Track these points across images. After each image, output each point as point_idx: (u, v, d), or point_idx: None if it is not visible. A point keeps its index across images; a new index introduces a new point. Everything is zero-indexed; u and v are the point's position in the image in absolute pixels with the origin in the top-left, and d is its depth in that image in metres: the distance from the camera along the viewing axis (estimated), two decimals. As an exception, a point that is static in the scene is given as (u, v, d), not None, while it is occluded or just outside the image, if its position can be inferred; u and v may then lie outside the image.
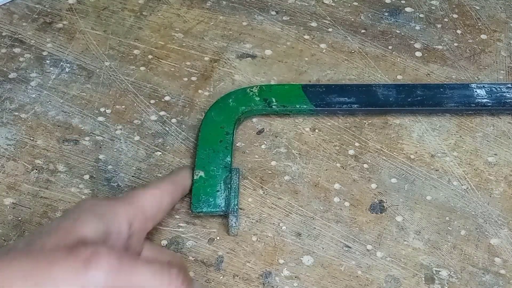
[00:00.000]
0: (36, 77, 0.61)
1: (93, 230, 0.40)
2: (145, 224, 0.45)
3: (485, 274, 0.49)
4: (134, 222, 0.44)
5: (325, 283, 0.48)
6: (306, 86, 0.59)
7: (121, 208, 0.43)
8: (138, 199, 0.45)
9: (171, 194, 0.49)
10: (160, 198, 0.47)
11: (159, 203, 0.47)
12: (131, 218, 0.43)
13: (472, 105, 0.58)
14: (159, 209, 0.47)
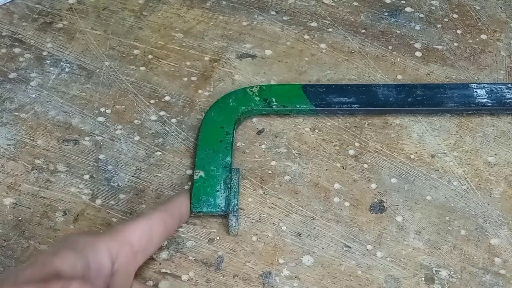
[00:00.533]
0: (36, 77, 0.61)
1: (70, 265, 0.39)
2: (133, 259, 0.43)
3: (485, 274, 0.49)
4: (119, 257, 0.42)
5: (325, 283, 0.48)
6: (306, 86, 0.59)
7: (103, 243, 0.42)
8: (124, 233, 0.43)
9: (164, 224, 0.46)
10: (150, 230, 0.45)
11: (149, 235, 0.45)
12: (115, 253, 0.42)
13: (472, 105, 0.58)
14: (150, 241, 0.45)
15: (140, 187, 0.53)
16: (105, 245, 0.42)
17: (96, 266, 0.41)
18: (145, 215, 0.46)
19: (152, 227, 0.45)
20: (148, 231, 0.45)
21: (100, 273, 0.41)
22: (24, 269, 0.38)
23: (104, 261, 0.41)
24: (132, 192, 0.53)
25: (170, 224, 0.47)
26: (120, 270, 0.42)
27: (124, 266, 0.42)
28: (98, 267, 0.41)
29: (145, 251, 0.45)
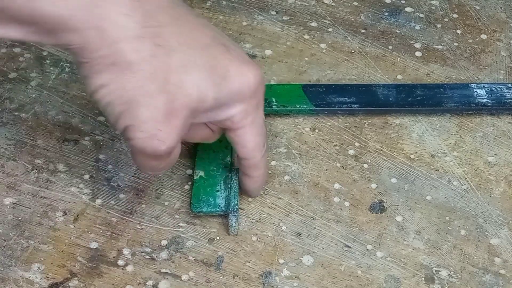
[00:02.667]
0: (36, 77, 0.61)
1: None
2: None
3: (485, 274, 0.49)
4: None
5: (325, 283, 0.48)
6: (306, 86, 0.59)
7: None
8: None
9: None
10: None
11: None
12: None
13: (472, 105, 0.58)
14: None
15: (140, 187, 0.53)
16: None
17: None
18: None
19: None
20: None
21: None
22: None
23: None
24: (132, 192, 0.53)
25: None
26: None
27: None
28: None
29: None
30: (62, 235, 0.50)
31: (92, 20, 0.38)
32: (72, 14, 0.38)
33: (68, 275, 0.48)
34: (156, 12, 0.40)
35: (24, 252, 0.49)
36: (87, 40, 0.38)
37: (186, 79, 0.41)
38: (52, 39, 0.39)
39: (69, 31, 0.38)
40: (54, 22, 0.38)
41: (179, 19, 0.41)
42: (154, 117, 0.41)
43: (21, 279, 0.48)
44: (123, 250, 0.50)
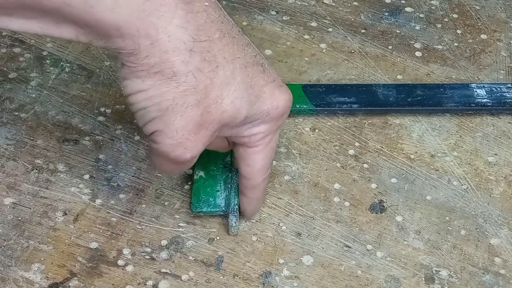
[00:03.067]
0: (36, 77, 0.61)
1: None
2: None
3: (485, 274, 0.49)
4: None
5: (325, 283, 0.48)
6: (306, 86, 0.59)
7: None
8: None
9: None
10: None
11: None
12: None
13: (472, 105, 0.58)
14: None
15: (140, 187, 0.53)
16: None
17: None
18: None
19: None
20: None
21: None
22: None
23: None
24: (132, 192, 0.53)
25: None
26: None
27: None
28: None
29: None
30: (62, 235, 0.50)
31: (146, 29, 0.38)
32: (129, 22, 0.38)
33: (68, 275, 0.48)
34: (207, 26, 0.40)
35: (24, 252, 0.49)
36: (138, 47, 0.39)
37: (225, 95, 0.42)
38: (103, 42, 0.40)
39: (123, 37, 0.39)
40: (110, 28, 0.38)
41: (226, 35, 0.42)
42: (186, 127, 0.42)
43: (21, 279, 0.48)
44: (123, 250, 0.50)
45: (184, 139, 0.42)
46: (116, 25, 0.38)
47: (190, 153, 0.43)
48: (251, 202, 0.50)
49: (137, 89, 0.41)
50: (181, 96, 0.40)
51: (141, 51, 0.39)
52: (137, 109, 0.42)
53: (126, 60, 0.40)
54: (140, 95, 0.41)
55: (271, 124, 0.46)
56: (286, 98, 0.45)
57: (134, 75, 0.40)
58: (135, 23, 0.38)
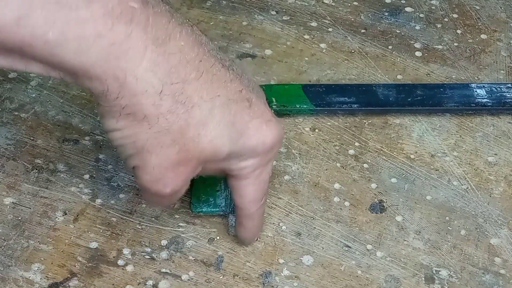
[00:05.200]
0: (36, 77, 0.61)
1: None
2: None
3: (485, 274, 0.49)
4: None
5: (325, 283, 0.48)
6: (306, 86, 0.59)
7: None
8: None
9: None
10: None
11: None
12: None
13: (472, 105, 0.58)
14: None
15: (140, 187, 0.53)
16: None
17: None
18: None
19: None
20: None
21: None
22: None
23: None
24: (132, 191, 0.53)
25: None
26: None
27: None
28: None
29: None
30: (62, 235, 0.50)
31: (113, 72, 0.38)
32: (94, 64, 0.38)
33: (68, 275, 0.48)
34: (181, 67, 0.40)
35: (24, 252, 0.49)
36: (106, 89, 0.38)
37: (203, 134, 0.41)
38: (73, 80, 0.39)
39: (90, 78, 0.38)
40: (75, 69, 0.38)
41: (204, 74, 0.41)
42: (162, 164, 0.41)
43: (21, 279, 0.48)
44: (123, 250, 0.50)
45: (162, 175, 0.42)
46: (80, 67, 0.38)
47: (169, 188, 0.43)
48: (248, 231, 0.49)
49: (113, 128, 0.41)
50: (155, 137, 0.40)
51: (111, 93, 0.39)
52: (116, 145, 0.42)
53: (99, 100, 0.40)
54: (116, 133, 0.41)
55: (260, 158, 0.45)
56: (274, 133, 0.44)
57: (108, 114, 0.40)
58: (102, 65, 0.38)
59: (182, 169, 0.42)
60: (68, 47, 0.37)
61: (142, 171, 0.42)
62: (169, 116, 0.40)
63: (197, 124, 0.41)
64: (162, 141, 0.40)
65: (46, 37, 0.36)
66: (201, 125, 0.41)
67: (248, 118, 0.43)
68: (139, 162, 0.42)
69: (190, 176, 0.43)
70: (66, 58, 0.37)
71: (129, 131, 0.40)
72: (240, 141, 0.43)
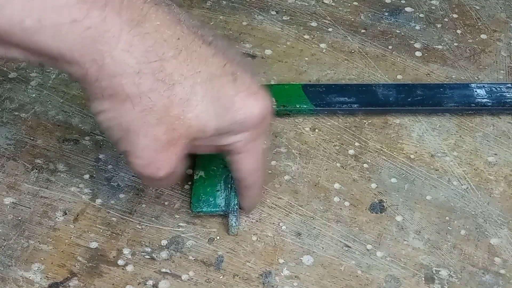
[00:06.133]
0: (36, 77, 0.61)
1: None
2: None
3: (485, 274, 0.49)
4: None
5: (325, 283, 0.48)
6: (306, 86, 0.59)
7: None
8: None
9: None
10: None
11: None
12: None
13: (472, 105, 0.58)
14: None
15: (140, 187, 0.53)
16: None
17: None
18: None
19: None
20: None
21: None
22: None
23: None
24: (132, 191, 0.53)
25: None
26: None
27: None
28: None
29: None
30: (62, 235, 0.50)
31: (91, 55, 0.39)
32: (72, 49, 0.38)
33: (68, 275, 0.48)
34: (158, 45, 0.40)
35: (24, 252, 0.49)
36: (86, 72, 0.39)
37: (187, 110, 0.42)
38: (53, 64, 0.40)
39: (69, 63, 0.39)
40: (54, 55, 0.39)
41: (183, 51, 0.41)
42: (152, 146, 0.42)
43: (21, 279, 0.48)
44: (123, 250, 0.50)
45: (153, 158, 0.42)
46: (59, 52, 0.38)
47: (163, 170, 0.43)
48: (249, 200, 0.50)
49: (99, 110, 0.41)
50: (140, 116, 0.41)
51: (90, 76, 0.39)
52: (104, 128, 0.42)
53: (81, 83, 0.40)
54: (102, 115, 0.41)
55: (251, 131, 0.45)
56: (261, 105, 0.44)
57: (92, 96, 0.41)
58: (79, 50, 0.38)
59: (172, 149, 0.42)
60: (46, 34, 0.38)
61: (132, 155, 0.42)
62: (151, 95, 0.40)
63: (181, 101, 0.41)
64: (147, 120, 0.41)
65: (23, 24, 0.37)
66: (184, 101, 0.41)
67: (233, 92, 0.43)
68: (128, 145, 0.42)
69: (181, 155, 0.43)
70: (44, 44, 0.38)
71: (114, 112, 0.41)
72: (227, 116, 0.43)
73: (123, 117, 0.41)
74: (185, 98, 0.41)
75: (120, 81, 0.40)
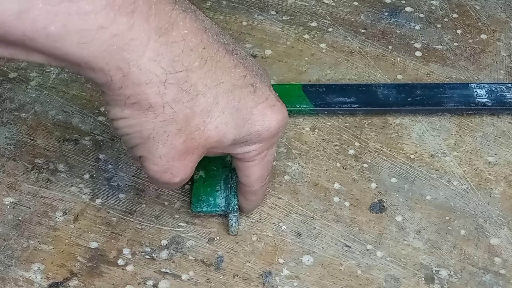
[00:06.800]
0: (36, 77, 0.61)
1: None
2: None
3: (485, 274, 0.49)
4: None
5: (325, 283, 0.48)
6: (306, 86, 0.59)
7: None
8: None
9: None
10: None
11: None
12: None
13: (472, 105, 0.58)
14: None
15: (140, 187, 0.53)
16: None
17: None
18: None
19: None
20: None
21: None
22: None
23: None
24: (132, 191, 0.53)
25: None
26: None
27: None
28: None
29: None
30: (62, 235, 0.50)
31: (116, 63, 0.38)
32: (97, 56, 0.37)
33: (68, 275, 0.48)
34: (185, 55, 0.40)
35: (24, 251, 0.49)
36: (110, 80, 0.38)
37: (208, 122, 0.42)
38: (76, 70, 0.39)
39: (93, 70, 0.38)
40: (78, 61, 0.38)
41: (209, 61, 0.41)
42: (169, 154, 0.42)
43: (21, 279, 0.48)
44: (123, 250, 0.50)
45: (170, 165, 0.42)
46: (83, 60, 0.37)
47: (178, 177, 0.43)
48: (250, 203, 0.50)
49: (118, 116, 0.41)
50: (161, 126, 0.40)
51: (114, 83, 0.38)
52: (121, 134, 0.42)
53: (103, 89, 0.40)
54: (121, 122, 0.41)
55: (265, 143, 0.45)
56: (278, 118, 0.44)
57: (113, 103, 0.40)
58: (104, 57, 0.37)
59: (189, 157, 0.42)
60: (70, 40, 0.36)
61: (149, 161, 0.42)
62: (174, 105, 0.40)
63: (202, 112, 0.41)
64: (168, 130, 0.41)
65: (47, 30, 0.36)
66: (206, 112, 0.41)
67: (253, 103, 0.43)
68: (145, 152, 0.42)
69: (197, 162, 0.44)
70: (69, 50, 0.37)
71: (135, 120, 0.40)
72: (245, 127, 0.43)
73: (144, 125, 0.40)
74: (207, 109, 0.41)
75: (145, 90, 0.39)
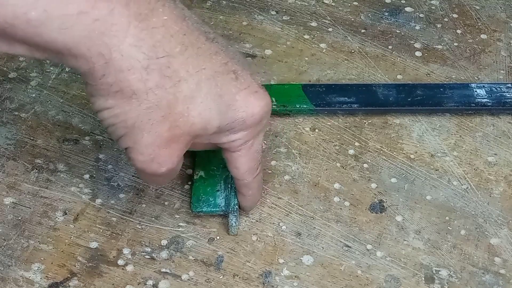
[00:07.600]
0: (36, 77, 0.61)
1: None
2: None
3: (485, 274, 0.49)
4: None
5: (325, 283, 0.48)
6: (306, 86, 0.59)
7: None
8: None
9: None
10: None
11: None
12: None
13: (472, 105, 0.58)
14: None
15: (140, 187, 0.53)
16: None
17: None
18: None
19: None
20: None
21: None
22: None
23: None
24: (132, 191, 0.53)
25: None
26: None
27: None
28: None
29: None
30: (62, 235, 0.50)
31: (98, 48, 0.38)
32: (79, 42, 0.37)
33: (68, 275, 0.48)
34: (165, 41, 0.40)
35: (24, 251, 0.49)
36: (92, 67, 0.38)
37: (191, 108, 0.42)
38: (58, 60, 0.39)
39: (75, 57, 0.38)
40: (60, 48, 0.38)
41: (189, 47, 0.41)
42: (155, 143, 0.42)
43: (21, 279, 0.48)
44: (123, 250, 0.50)
45: (156, 154, 0.42)
46: (65, 46, 0.37)
47: (165, 167, 0.43)
48: (247, 199, 0.50)
49: (103, 107, 0.41)
50: (145, 113, 0.40)
51: (97, 71, 0.39)
52: (106, 125, 0.42)
53: (86, 79, 0.40)
54: (106, 112, 0.41)
55: (250, 130, 0.45)
56: (261, 104, 0.44)
57: (97, 93, 0.40)
58: (86, 43, 0.37)
59: (175, 145, 0.42)
60: (52, 26, 0.36)
61: (135, 151, 0.42)
62: (157, 91, 0.40)
63: (185, 98, 0.41)
64: (152, 117, 0.41)
65: (28, 16, 0.36)
66: (189, 98, 0.41)
67: (235, 90, 0.43)
68: (131, 142, 0.42)
69: (183, 151, 0.44)
70: (50, 37, 0.37)
71: (119, 110, 0.40)
72: (228, 114, 0.43)
73: (128, 114, 0.40)
74: (189, 96, 0.41)
75: (127, 76, 0.39)
